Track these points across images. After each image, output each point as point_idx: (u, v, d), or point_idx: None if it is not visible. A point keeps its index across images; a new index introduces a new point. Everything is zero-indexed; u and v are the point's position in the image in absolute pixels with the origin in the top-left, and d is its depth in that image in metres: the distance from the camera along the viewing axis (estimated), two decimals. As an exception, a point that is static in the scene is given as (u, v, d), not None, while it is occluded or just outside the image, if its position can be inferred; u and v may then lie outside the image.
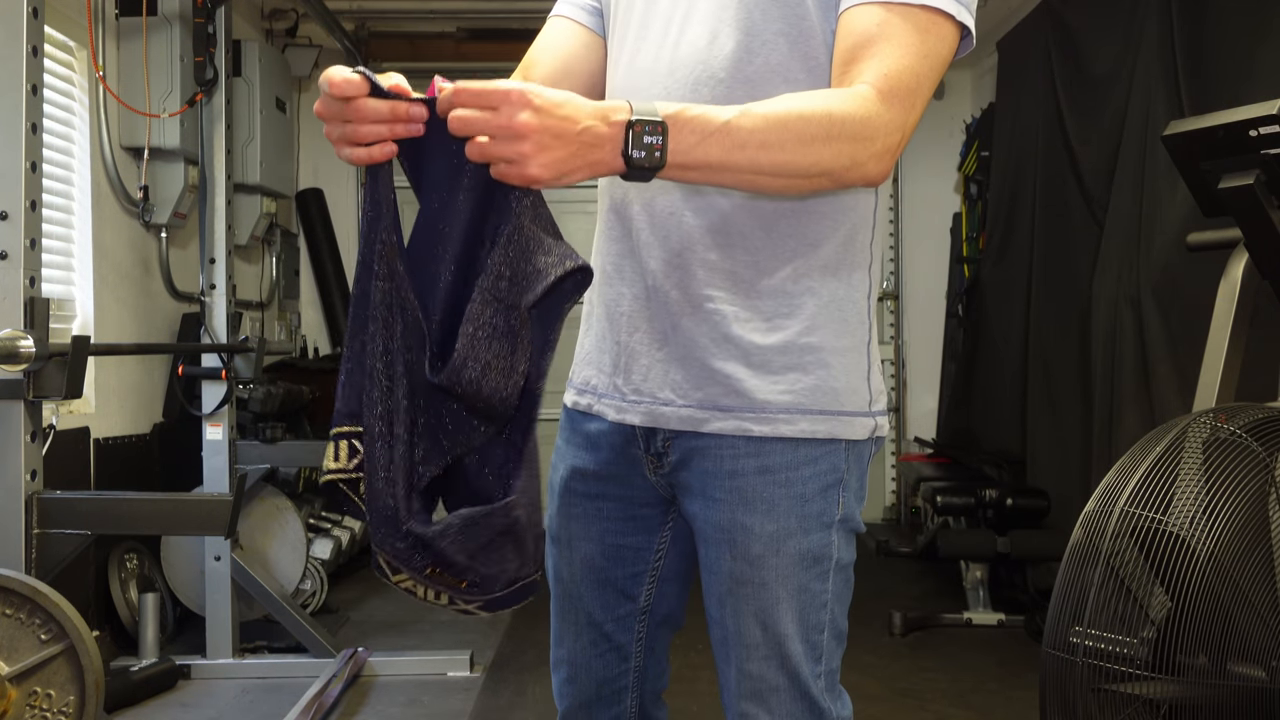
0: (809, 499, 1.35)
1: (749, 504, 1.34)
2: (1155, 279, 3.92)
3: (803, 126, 1.16)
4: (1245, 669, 1.85)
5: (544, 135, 1.07)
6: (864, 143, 1.19)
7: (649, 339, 1.38)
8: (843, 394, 1.36)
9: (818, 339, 1.35)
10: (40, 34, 2.64)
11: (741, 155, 1.15)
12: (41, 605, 2.37)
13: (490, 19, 5.89)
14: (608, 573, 1.48)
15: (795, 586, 1.35)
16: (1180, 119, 2.51)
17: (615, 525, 1.46)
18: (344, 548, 4.74)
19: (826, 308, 1.35)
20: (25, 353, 2.54)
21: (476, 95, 1.07)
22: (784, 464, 1.34)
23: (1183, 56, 3.81)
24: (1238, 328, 2.46)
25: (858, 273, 1.38)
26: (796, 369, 1.34)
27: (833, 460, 1.36)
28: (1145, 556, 1.88)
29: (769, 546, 1.34)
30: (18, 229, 2.56)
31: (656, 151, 1.11)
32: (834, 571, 1.38)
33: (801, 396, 1.34)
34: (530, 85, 1.08)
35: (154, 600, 3.73)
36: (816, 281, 1.35)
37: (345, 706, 3.43)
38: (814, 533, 1.35)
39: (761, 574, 1.34)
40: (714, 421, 1.35)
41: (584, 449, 1.46)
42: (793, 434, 1.33)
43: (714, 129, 1.13)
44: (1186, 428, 1.96)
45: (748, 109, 1.16)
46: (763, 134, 1.15)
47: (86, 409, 3.81)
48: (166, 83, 3.93)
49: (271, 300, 5.44)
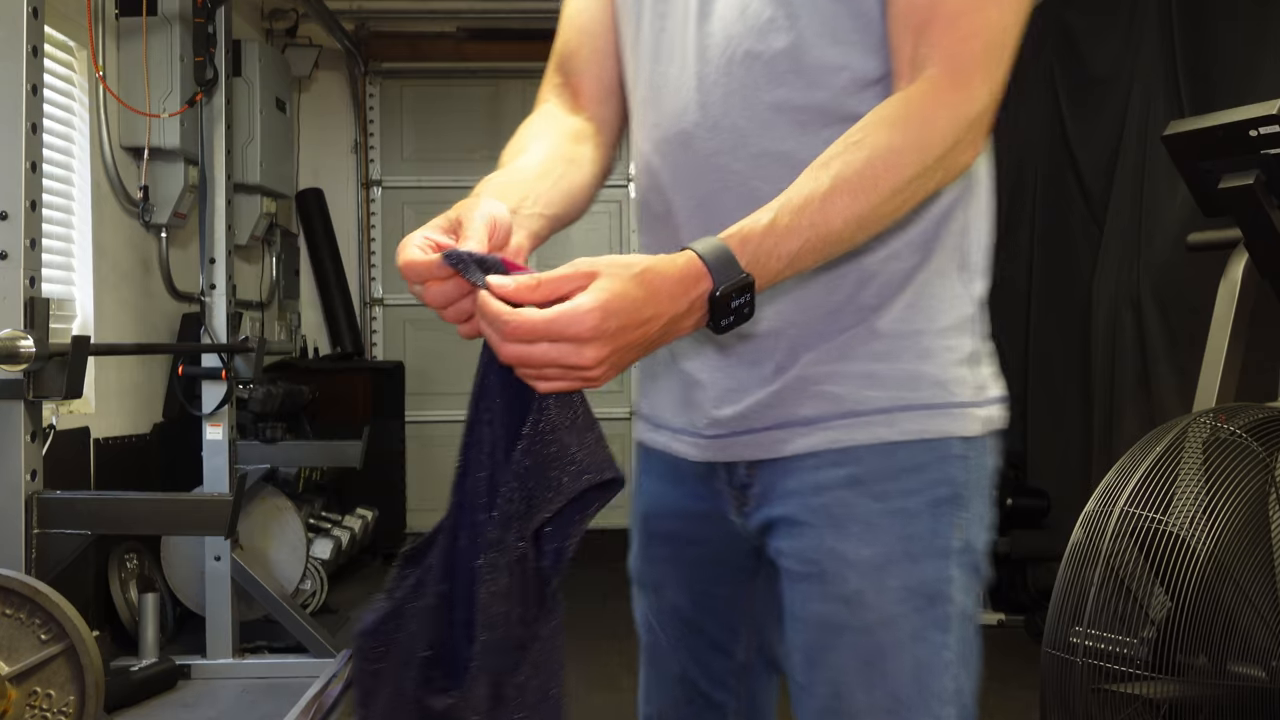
0: (915, 516, 1.09)
1: (839, 525, 1.09)
2: (1155, 279, 3.92)
3: (894, 177, 1.00)
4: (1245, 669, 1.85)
5: (617, 355, 0.90)
6: (956, 151, 1.03)
7: (715, 353, 1.17)
8: (950, 382, 1.12)
9: (911, 321, 1.12)
10: (40, 34, 2.64)
11: (836, 242, 0.99)
12: (41, 605, 2.37)
13: (490, 19, 5.89)
14: (699, 624, 1.26)
15: (907, 633, 1.07)
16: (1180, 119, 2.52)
17: (704, 571, 1.24)
18: (344, 548, 4.74)
19: (917, 287, 1.12)
20: (25, 353, 2.54)
21: (530, 330, 0.88)
22: (878, 472, 1.09)
23: (1183, 57, 3.81)
24: (1238, 328, 2.47)
25: (955, 240, 1.15)
26: (890, 360, 1.11)
27: (943, 469, 1.10)
28: (1145, 556, 1.88)
29: (868, 579, 1.08)
30: (18, 229, 2.56)
31: (746, 309, 0.95)
32: (956, 622, 1.09)
33: (898, 390, 1.10)
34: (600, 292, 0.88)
35: (154, 600, 3.73)
36: (906, 259, 1.12)
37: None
38: (924, 560, 1.08)
39: (862, 616, 1.08)
40: (795, 439, 1.12)
41: (665, 482, 1.26)
42: (893, 436, 1.10)
43: (799, 245, 0.97)
44: (1186, 428, 1.96)
45: (814, 188, 0.98)
46: (852, 212, 0.98)
47: (86, 409, 3.80)
48: (166, 83, 3.92)
49: (271, 300, 5.44)
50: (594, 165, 1.22)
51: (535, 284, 0.89)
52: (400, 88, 6.25)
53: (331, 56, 5.91)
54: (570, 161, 1.18)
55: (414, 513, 5.83)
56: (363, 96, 6.17)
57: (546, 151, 1.17)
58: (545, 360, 0.88)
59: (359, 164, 6.21)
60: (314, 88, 6.05)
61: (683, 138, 1.15)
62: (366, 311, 6.25)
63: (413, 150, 6.27)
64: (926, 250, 1.13)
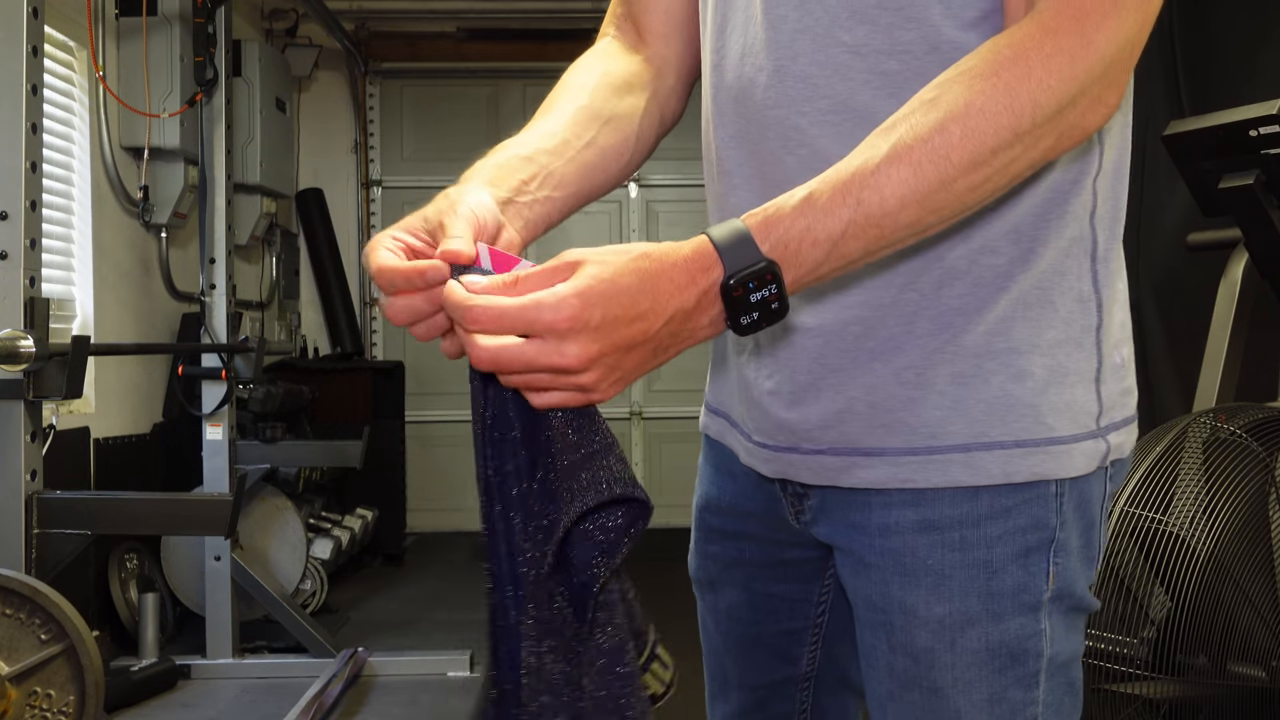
0: (999, 569, 0.92)
1: (909, 574, 0.93)
2: (1155, 279, 3.92)
3: (973, 146, 0.79)
4: (1245, 669, 1.85)
5: (611, 357, 0.76)
6: (1072, 111, 0.81)
7: (769, 350, 0.99)
8: (1047, 411, 0.91)
9: (1007, 335, 0.91)
10: (40, 34, 2.64)
11: (892, 227, 0.79)
12: (41, 605, 2.37)
13: (490, 19, 5.89)
14: (757, 627, 1.12)
15: (984, 697, 0.93)
16: (1180, 119, 2.51)
17: (762, 571, 1.10)
18: (344, 548, 4.74)
19: (1021, 290, 0.91)
20: (25, 353, 2.54)
21: (498, 317, 0.74)
22: (957, 518, 0.92)
23: (1183, 56, 3.81)
24: (1237, 328, 2.47)
25: (1074, 227, 0.93)
26: (972, 382, 0.91)
27: (1036, 512, 0.91)
28: (1145, 556, 1.88)
29: (940, 638, 0.93)
30: (18, 229, 2.56)
31: (774, 303, 0.78)
32: (1046, 673, 0.94)
33: (982, 423, 0.90)
34: (582, 279, 0.75)
35: (154, 600, 3.73)
36: (1004, 255, 0.90)
37: (345, 706, 3.43)
38: (1010, 618, 0.92)
39: (932, 676, 0.93)
40: (857, 470, 0.94)
41: (720, 473, 1.12)
42: (971, 481, 0.91)
43: (844, 225, 0.78)
44: (1186, 428, 1.96)
45: (869, 156, 0.79)
46: (911, 189, 0.79)
47: (86, 409, 3.80)
48: (166, 83, 3.92)
49: (271, 300, 5.44)
50: (640, 122, 1.04)
51: (513, 281, 0.77)
52: (400, 88, 6.26)
53: (331, 56, 5.91)
54: (606, 121, 1.01)
55: (414, 513, 5.83)
56: (363, 97, 6.18)
57: (573, 111, 1.00)
58: (523, 360, 0.75)
59: (359, 164, 6.22)
60: (314, 88, 6.05)
61: (743, 85, 0.95)
62: (366, 311, 6.25)
63: (412, 150, 6.27)
64: (1035, 240, 0.91)
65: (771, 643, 1.13)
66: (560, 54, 5.96)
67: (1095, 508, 0.95)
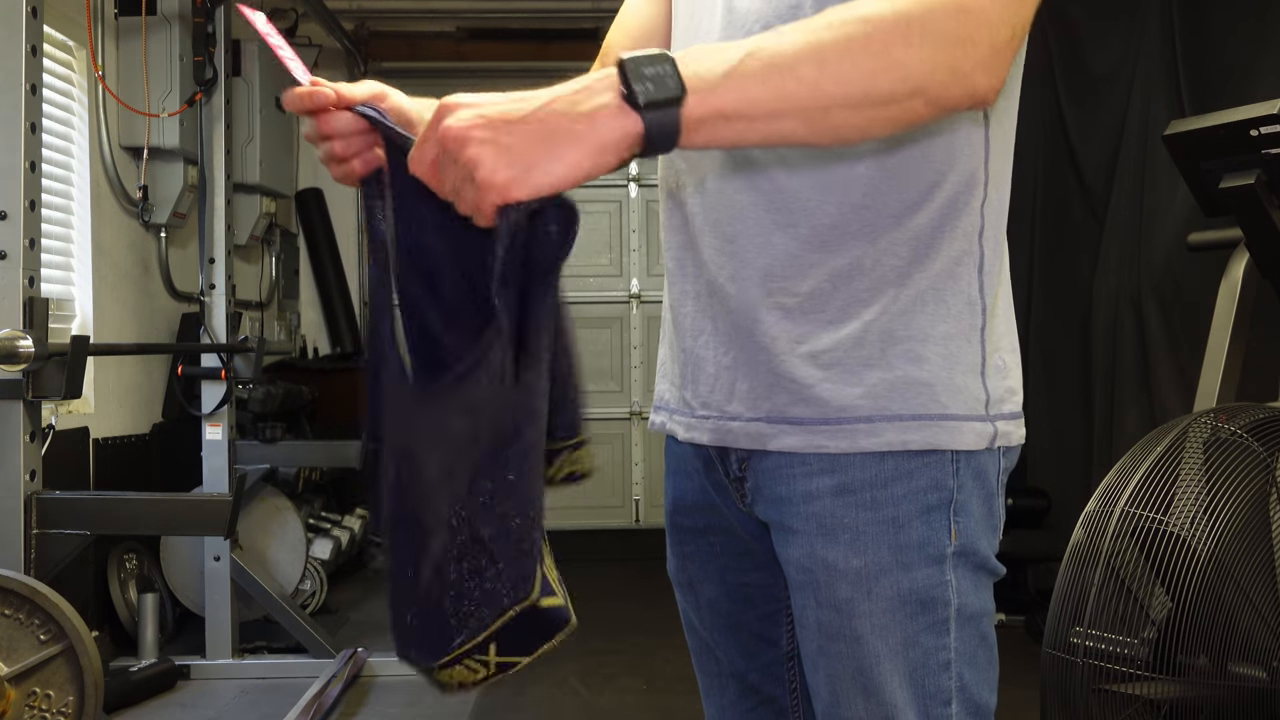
0: (905, 524, 1.05)
1: (829, 533, 1.06)
2: (1155, 279, 3.92)
3: (870, 30, 0.87)
4: (1246, 669, 1.85)
5: (489, 129, 0.85)
6: (963, 44, 0.88)
7: (713, 342, 1.11)
8: (942, 392, 1.05)
9: (905, 325, 1.04)
10: (40, 34, 2.64)
11: (792, 82, 0.86)
12: (41, 605, 2.37)
13: (490, 19, 5.89)
14: (738, 616, 1.22)
15: (899, 640, 1.05)
16: (1181, 119, 2.51)
17: (732, 562, 1.20)
18: (344, 548, 4.74)
19: (918, 288, 1.05)
20: (24, 353, 2.54)
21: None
22: (867, 480, 1.05)
23: (1183, 56, 3.81)
24: (1238, 328, 2.47)
25: (963, 241, 1.06)
26: (877, 364, 1.04)
27: (934, 474, 1.05)
28: (1146, 557, 1.88)
29: (858, 587, 1.05)
30: (17, 229, 2.56)
31: (669, 79, 0.84)
32: (956, 622, 1.06)
33: (885, 398, 1.04)
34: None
35: (153, 600, 3.73)
36: (906, 258, 1.04)
37: (345, 707, 3.42)
38: (917, 568, 1.05)
39: (854, 625, 1.05)
40: (782, 437, 1.07)
41: (679, 474, 1.22)
42: (875, 447, 1.04)
43: (742, 54, 0.86)
44: (1187, 428, 1.96)
45: (782, 28, 0.89)
46: (814, 48, 0.86)
47: (86, 409, 3.80)
48: (166, 82, 3.92)
49: (271, 300, 5.43)
50: None
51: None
52: (400, 87, 6.22)
53: (331, 56, 5.90)
54: None
55: (414, 513, 5.82)
56: (362, 96, 6.17)
57: None
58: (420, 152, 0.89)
59: (359, 164, 6.21)
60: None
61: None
62: (366, 311, 6.25)
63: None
64: (931, 248, 1.04)
65: (754, 627, 1.22)
66: (560, 54, 5.96)
67: (992, 479, 1.09)
